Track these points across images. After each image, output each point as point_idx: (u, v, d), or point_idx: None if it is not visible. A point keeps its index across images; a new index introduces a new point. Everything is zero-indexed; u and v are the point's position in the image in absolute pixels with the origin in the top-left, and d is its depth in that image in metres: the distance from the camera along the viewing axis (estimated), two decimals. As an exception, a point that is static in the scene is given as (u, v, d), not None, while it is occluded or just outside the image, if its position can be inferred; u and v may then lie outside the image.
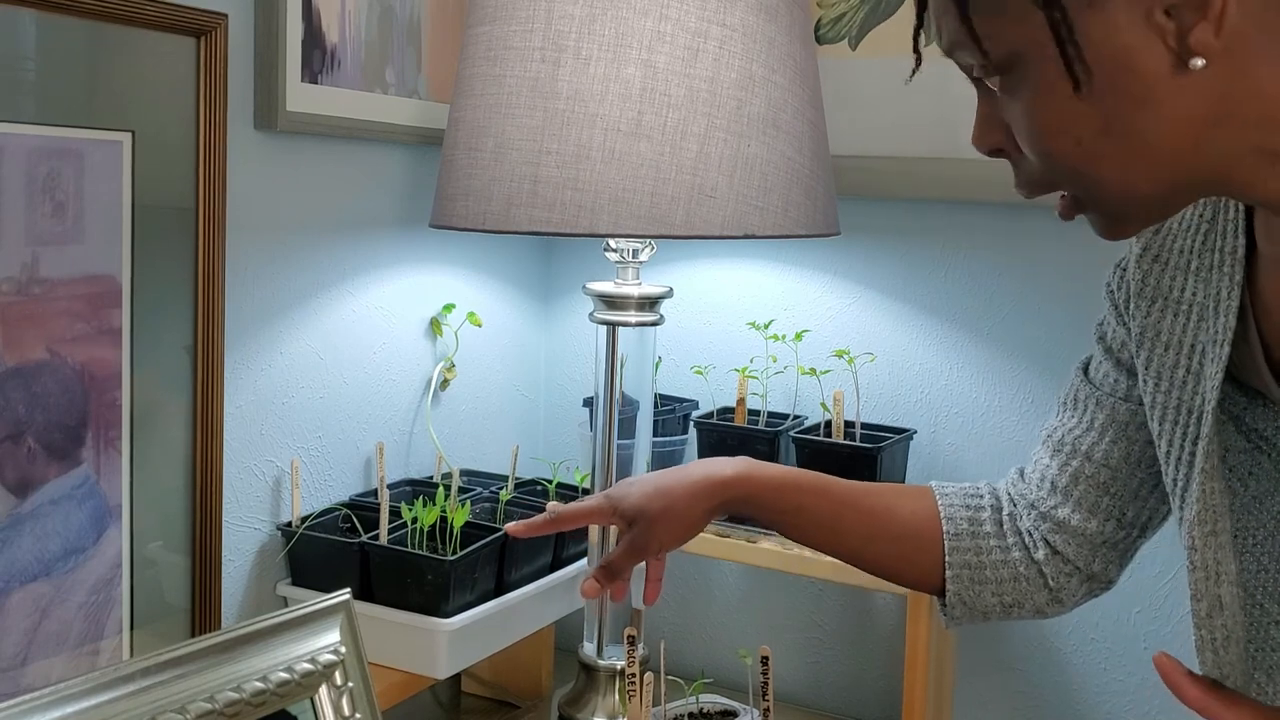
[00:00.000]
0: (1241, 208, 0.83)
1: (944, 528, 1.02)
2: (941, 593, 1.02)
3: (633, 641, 1.21)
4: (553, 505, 1.09)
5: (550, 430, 1.77)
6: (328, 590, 1.03)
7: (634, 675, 1.21)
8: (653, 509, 1.03)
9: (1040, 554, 0.99)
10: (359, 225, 1.41)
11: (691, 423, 1.52)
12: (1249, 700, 0.73)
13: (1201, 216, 0.87)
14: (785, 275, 1.59)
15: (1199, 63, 0.65)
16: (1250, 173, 0.70)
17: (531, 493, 1.50)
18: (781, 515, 1.04)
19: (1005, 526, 1.01)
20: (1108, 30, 0.66)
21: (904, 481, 1.46)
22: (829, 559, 1.38)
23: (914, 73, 0.80)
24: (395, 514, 1.33)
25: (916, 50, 0.79)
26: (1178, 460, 0.87)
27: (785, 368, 1.53)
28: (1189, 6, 0.64)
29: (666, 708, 1.32)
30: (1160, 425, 0.88)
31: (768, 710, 1.20)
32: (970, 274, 1.48)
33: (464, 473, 1.54)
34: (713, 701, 1.34)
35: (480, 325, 1.58)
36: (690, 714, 1.33)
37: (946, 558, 1.01)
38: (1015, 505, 1.02)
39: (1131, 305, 0.90)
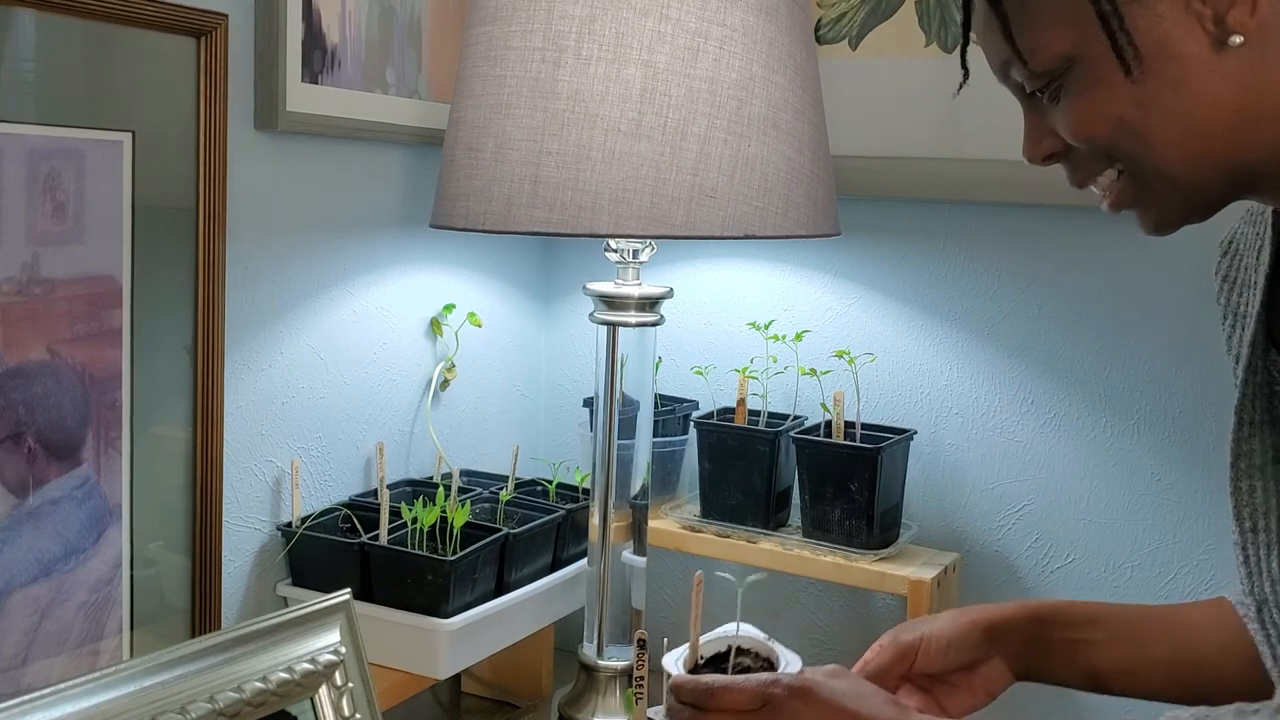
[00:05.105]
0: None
1: (1240, 613, 0.97)
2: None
3: (643, 644, 1.21)
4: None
5: (550, 430, 1.77)
6: (328, 590, 1.03)
7: (643, 678, 1.21)
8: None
9: None
10: (359, 225, 1.41)
11: (691, 423, 1.52)
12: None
13: (1259, 235, 0.89)
14: (785, 275, 1.59)
15: (1238, 40, 0.71)
16: (1277, 169, 0.75)
17: (531, 493, 1.50)
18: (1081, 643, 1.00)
19: None
20: (1151, 20, 0.72)
21: (905, 481, 1.46)
22: (829, 559, 1.39)
23: (960, 87, 0.88)
24: (395, 514, 1.33)
25: (964, 66, 0.87)
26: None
27: (785, 368, 1.53)
28: None
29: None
30: None
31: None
32: (970, 274, 1.48)
33: (464, 473, 1.54)
34: (713, 702, 1.34)
35: (480, 325, 1.58)
36: (690, 714, 1.33)
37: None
38: None
39: (1221, 326, 0.92)
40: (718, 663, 0.97)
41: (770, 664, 0.96)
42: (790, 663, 0.93)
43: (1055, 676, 1.02)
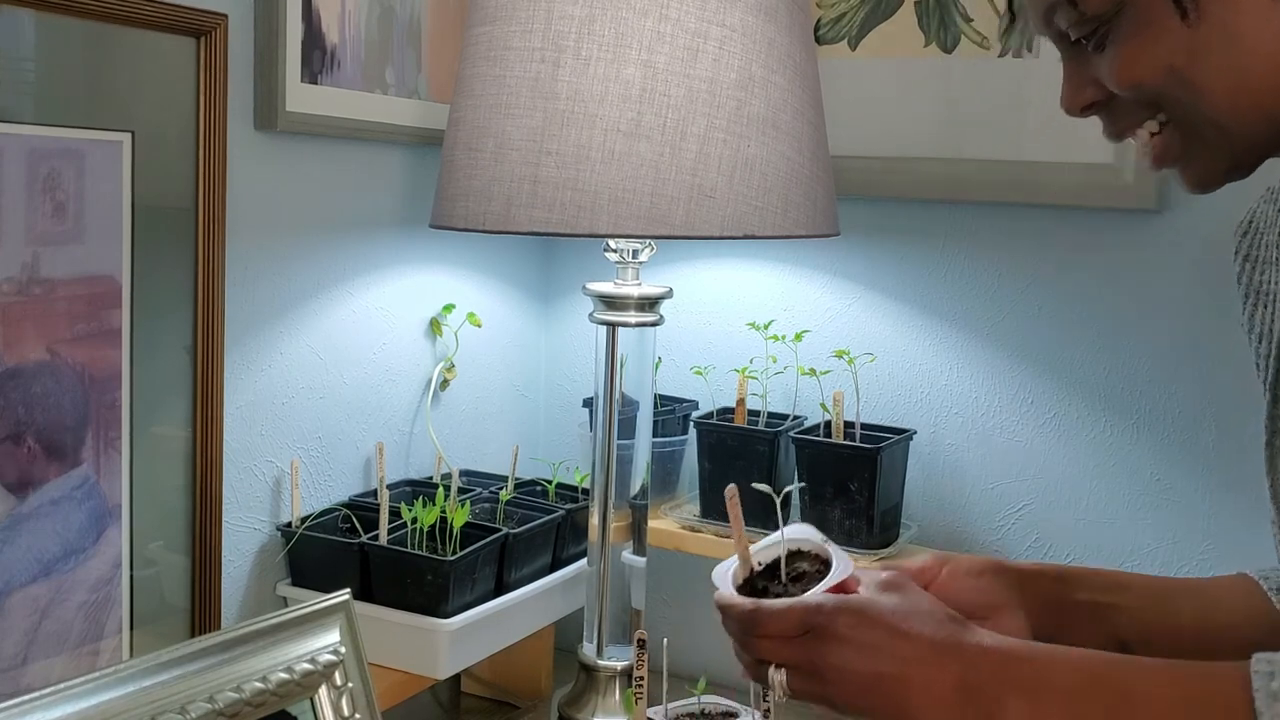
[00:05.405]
0: None
1: (1263, 586, 0.95)
2: None
3: (643, 645, 1.21)
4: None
5: (550, 430, 1.77)
6: (328, 590, 1.03)
7: (642, 678, 1.21)
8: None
9: None
10: (359, 225, 1.41)
11: (691, 423, 1.52)
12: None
13: None
14: (785, 275, 1.59)
15: None
16: None
17: (531, 493, 1.50)
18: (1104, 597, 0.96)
19: None
20: None
21: (904, 482, 1.46)
22: (829, 559, 1.39)
23: (1006, 30, 0.91)
24: (395, 514, 1.33)
25: (1011, 10, 0.85)
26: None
27: (785, 368, 1.53)
28: None
29: (669, 707, 1.32)
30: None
31: (768, 712, 1.20)
32: (970, 274, 1.48)
33: (464, 473, 1.54)
34: (714, 703, 1.34)
35: (480, 325, 1.58)
36: (691, 714, 1.33)
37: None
38: None
39: (1240, 308, 0.91)
40: (774, 570, 0.94)
41: (827, 565, 0.92)
42: (843, 563, 0.90)
43: (1078, 641, 0.99)
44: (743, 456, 1.45)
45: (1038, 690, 0.75)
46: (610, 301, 1.29)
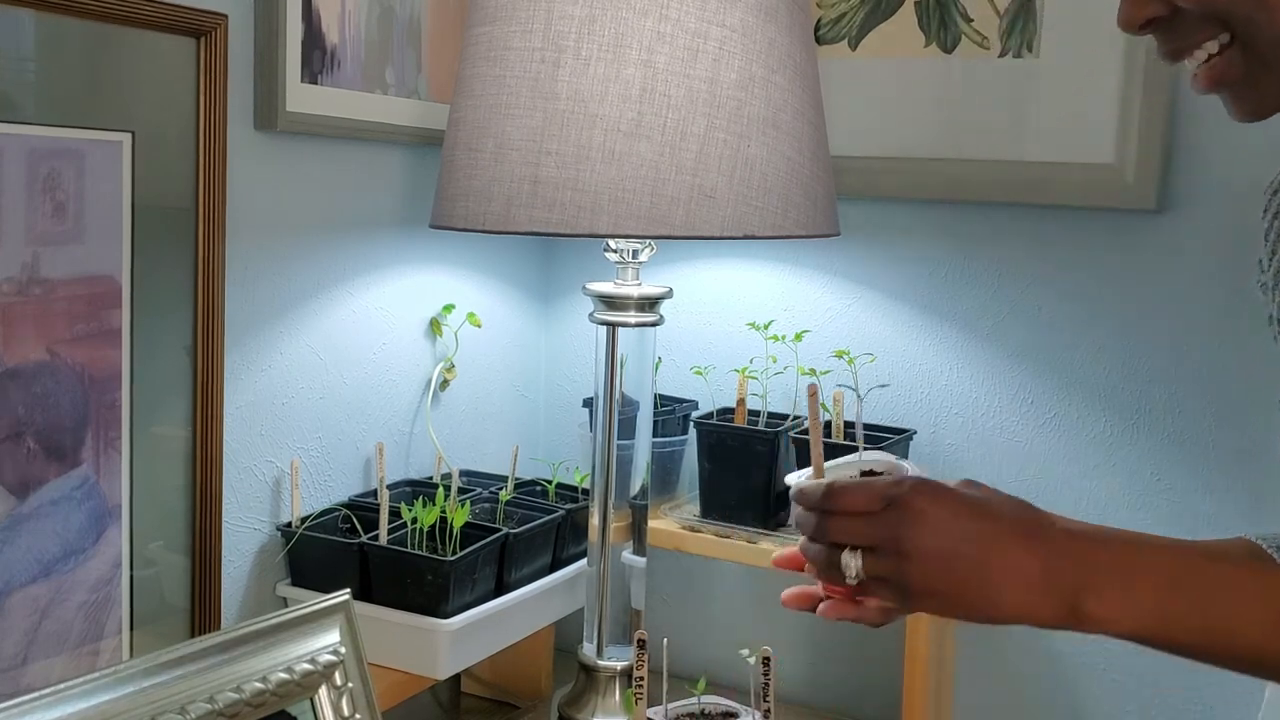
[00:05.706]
0: None
1: (1265, 548, 0.92)
2: None
3: (643, 644, 1.21)
4: None
5: (550, 430, 1.77)
6: (327, 591, 1.03)
7: (642, 678, 1.21)
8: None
9: None
10: (359, 225, 1.41)
11: (691, 423, 1.52)
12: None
13: None
14: (785, 275, 1.59)
15: None
16: None
17: (531, 493, 1.50)
18: None
19: None
20: None
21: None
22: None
23: None
24: (395, 514, 1.33)
25: None
26: None
27: (785, 368, 1.53)
28: None
29: (669, 707, 1.32)
30: None
31: (768, 712, 1.20)
32: (970, 274, 1.48)
33: (464, 473, 1.54)
34: (714, 703, 1.34)
35: (480, 325, 1.58)
36: (691, 714, 1.33)
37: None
38: None
39: (1262, 264, 0.89)
40: None
41: None
42: (919, 471, 0.89)
43: None
44: (743, 456, 1.45)
45: (1126, 577, 0.73)
46: (610, 301, 1.29)
